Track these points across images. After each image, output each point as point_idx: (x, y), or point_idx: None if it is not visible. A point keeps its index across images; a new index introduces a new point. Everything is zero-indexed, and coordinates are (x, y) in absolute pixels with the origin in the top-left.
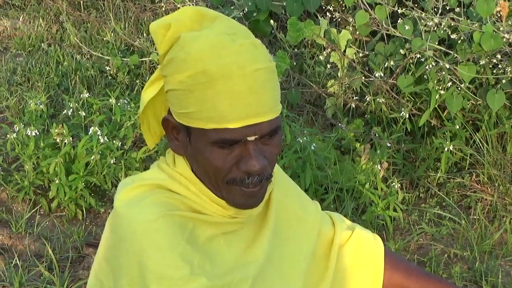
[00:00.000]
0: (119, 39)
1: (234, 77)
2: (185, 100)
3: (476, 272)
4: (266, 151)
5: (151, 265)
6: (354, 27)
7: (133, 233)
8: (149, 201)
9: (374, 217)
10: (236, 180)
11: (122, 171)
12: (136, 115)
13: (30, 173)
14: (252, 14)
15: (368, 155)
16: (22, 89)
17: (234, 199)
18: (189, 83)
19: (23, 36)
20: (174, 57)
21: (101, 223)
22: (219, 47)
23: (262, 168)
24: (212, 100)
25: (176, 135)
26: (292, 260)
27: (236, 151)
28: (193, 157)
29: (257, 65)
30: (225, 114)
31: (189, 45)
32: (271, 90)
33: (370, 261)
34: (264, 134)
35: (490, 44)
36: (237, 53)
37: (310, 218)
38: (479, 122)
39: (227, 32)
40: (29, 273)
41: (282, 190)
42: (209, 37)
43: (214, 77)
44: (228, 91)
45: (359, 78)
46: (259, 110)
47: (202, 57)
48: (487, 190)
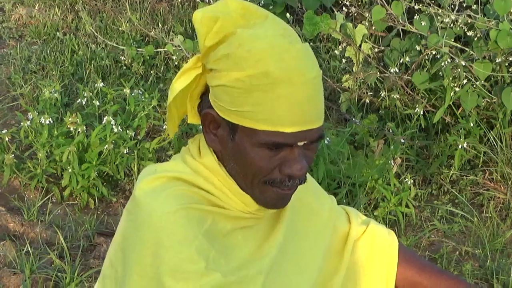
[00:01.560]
0: (135, 29)
1: (296, 83)
2: (241, 99)
3: (487, 270)
4: (307, 155)
5: (166, 257)
6: (370, 22)
7: (151, 223)
8: (170, 193)
9: (386, 212)
10: (276, 181)
11: (135, 161)
12: (150, 105)
13: (43, 161)
14: (268, 7)
15: (382, 150)
16: (37, 77)
17: (266, 199)
18: (248, 82)
19: (38, 24)
20: (231, 53)
21: (113, 213)
22: (280, 49)
23: (304, 173)
24: (271, 103)
25: (214, 130)
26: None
27: (282, 154)
28: (233, 155)
29: (314, 72)
30: (282, 118)
31: (248, 44)
32: (322, 99)
33: (384, 256)
34: (312, 141)
35: (506, 42)
36: (297, 58)
37: (326, 213)
38: (494, 120)
39: (283, 34)
40: (40, 261)
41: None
42: (268, 38)
43: (276, 80)
44: (288, 96)
45: (374, 73)
46: (313, 117)
47: (264, 58)
48: (500, 188)
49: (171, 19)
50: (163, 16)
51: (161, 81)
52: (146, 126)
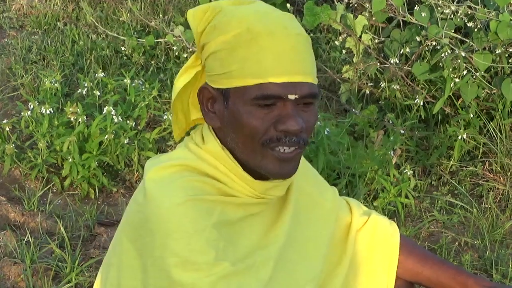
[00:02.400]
0: (135, 20)
1: (279, 34)
2: (228, 59)
3: (486, 261)
4: (304, 117)
5: (176, 249)
6: (371, 13)
7: (160, 215)
8: (178, 184)
9: (386, 203)
10: (273, 139)
11: (135, 151)
12: (151, 95)
13: (44, 151)
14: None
15: (381, 141)
16: (37, 67)
17: (268, 165)
18: (233, 42)
19: (39, 14)
20: (216, 23)
21: (113, 203)
22: (263, 12)
23: (300, 128)
24: (256, 55)
25: (211, 108)
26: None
27: (275, 112)
28: (230, 124)
29: (300, 31)
30: (269, 68)
31: (232, 11)
32: (310, 56)
33: (385, 246)
34: (304, 95)
35: (506, 33)
36: (279, 17)
37: (328, 204)
38: (493, 111)
39: (267, 6)
40: (41, 250)
41: (302, 175)
42: (252, 7)
43: (259, 34)
44: (272, 47)
45: (374, 64)
46: (301, 69)
47: (246, 18)
48: (500, 179)
49: (171, 9)
50: (164, 7)
51: (162, 71)
52: (146, 116)
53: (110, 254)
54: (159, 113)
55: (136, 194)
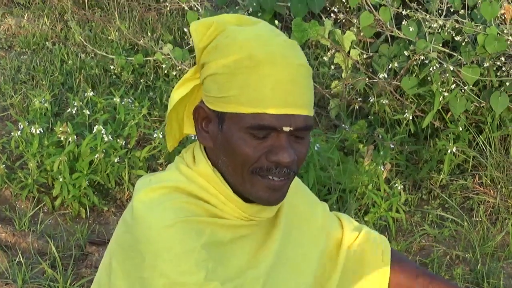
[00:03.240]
0: (124, 38)
1: (279, 64)
2: (227, 84)
3: (478, 274)
4: (296, 148)
5: (165, 270)
6: (359, 28)
7: (149, 236)
8: (167, 206)
9: (377, 218)
10: (263, 169)
11: (125, 170)
12: (140, 114)
13: (34, 171)
14: (257, 14)
15: (371, 156)
16: (27, 87)
17: (257, 192)
18: (233, 67)
19: (27, 34)
20: (218, 44)
21: (104, 222)
22: (265, 37)
23: (292, 161)
24: (255, 84)
25: (205, 127)
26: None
27: (268, 142)
28: (222, 147)
29: (301, 61)
30: (266, 99)
31: (234, 34)
32: (309, 88)
33: (376, 261)
34: (299, 128)
35: (494, 47)
36: (282, 45)
37: (319, 220)
38: (483, 124)
39: (271, 29)
40: (32, 271)
41: (293, 192)
42: (255, 30)
43: (260, 62)
44: (272, 76)
45: (363, 79)
46: (298, 102)
47: (249, 44)
48: (490, 192)
49: (160, 27)
50: (152, 25)
51: (151, 89)
52: (136, 135)
53: (99, 274)
54: (149, 132)
55: (125, 215)
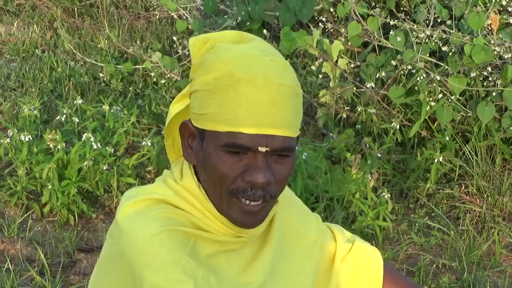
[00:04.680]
0: (113, 46)
1: (258, 84)
2: (206, 101)
3: (464, 283)
4: (275, 169)
5: (154, 280)
6: (346, 38)
7: (135, 247)
8: (152, 216)
9: (364, 226)
10: (239, 190)
11: (114, 177)
12: (129, 122)
13: (23, 178)
14: (245, 24)
15: (359, 165)
16: (16, 94)
17: (233, 215)
18: (213, 84)
19: (17, 42)
20: (204, 61)
21: (93, 229)
22: (250, 56)
23: (266, 182)
24: (232, 103)
25: (190, 143)
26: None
27: (245, 161)
28: (202, 164)
29: (284, 81)
30: (241, 118)
31: (220, 52)
32: (292, 108)
33: (369, 274)
34: (276, 149)
35: (481, 57)
36: (266, 65)
37: (313, 234)
38: (469, 134)
39: (262, 49)
40: (21, 278)
41: (286, 206)
42: (243, 49)
43: (238, 81)
44: (248, 97)
45: (351, 88)
46: (275, 122)
47: (231, 62)
48: (476, 201)
49: (149, 36)
50: (141, 33)
51: (140, 97)
52: (125, 143)
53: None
54: (138, 139)
55: (110, 229)
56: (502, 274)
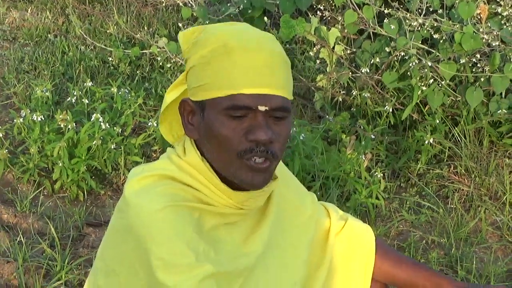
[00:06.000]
0: (121, 32)
1: (252, 50)
2: (202, 72)
3: (452, 258)
4: (275, 129)
5: (159, 253)
6: (343, 25)
7: (141, 221)
8: (157, 192)
9: (358, 204)
10: (246, 151)
11: (122, 156)
12: (136, 103)
13: (35, 156)
14: (247, 11)
15: (353, 146)
16: (29, 77)
17: (241, 175)
18: (209, 56)
19: (31, 27)
20: (198, 40)
21: (101, 204)
22: (242, 30)
23: (269, 139)
24: (228, 69)
25: (191, 120)
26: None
27: (246, 123)
28: (205, 135)
29: (275, 48)
30: (239, 81)
31: (213, 29)
32: (285, 72)
33: (362, 250)
34: (275, 108)
35: (470, 44)
36: (258, 35)
37: (308, 209)
38: (458, 117)
39: (252, 27)
40: (32, 250)
41: (284, 183)
42: (234, 26)
43: (232, 49)
44: (244, 61)
45: (347, 73)
46: (273, 82)
47: (224, 35)
48: (464, 181)
49: (155, 22)
50: (148, 20)
51: (147, 80)
52: (132, 123)
53: (96, 260)
54: (144, 120)
55: (118, 203)
56: (488, 250)
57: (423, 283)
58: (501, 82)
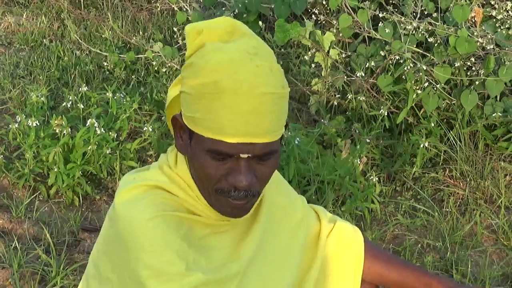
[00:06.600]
0: (117, 37)
1: (242, 94)
2: (193, 105)
3: (447, 262)
4: (258, 170)
5: (149, 262)
6: (338, 29)
7: (131, 230)
8: (148, 201)
9: (353, 208)
10: (224, 190)
11: (117, 161)
12: (132, 108)
13: (31, 161)
14: (242, 15)
15: (349, 150)
16: (25, 82)
17: (221, 208)
18: (199, 90)
19: (26, 32)
20: (193, 62)
21: (96, 209)
22: (237, 63)
23: (248, 185)
24: (216, 111)
25: (181, 135)
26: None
27: (229, 164)
28: (191, 160)
29: (268, 89)
30: (224, 127)
31: (209, 55)
32: (275, 114)
33: (351, 251)
34: (257, 155)
35: (464, 48)
36: (252, 73)
37: (299, 213)
38: (453, 120)
39: (249, 51)
40: (28, 256)
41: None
42: (230, 52)
43: (223, 90)
44: (232, 107)
45: (342, 77)
46: (257, 131)
47: (218, 69)
48: (459, 184)
49: (151, 27)
50: (144, 24)
51: (142, 85)
52: (127, 128)
53: (89, 265)
54: (140, 125)
55: (109, 212)
56: (483, 254)
57: (412, 283)
58: (496, 85)
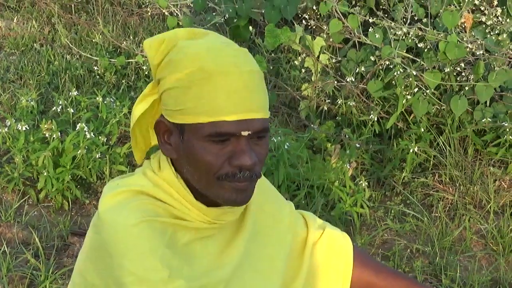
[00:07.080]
0: (107, 41)
1: (231, 73)
2: (182, 97)
3: (436, 267)
4: (256, 150)
5: (132, 268)
6: (328, 34)
7: (115, 237)
8: (131, 207)
9: (343, 213)
10: (228, 175)
11: (107, 165)
12: (122, 112)
13: (20, 166)
14: (233, 20)
15: (338, 154)
16: (15, 86)
17: (224, 195)
18: (186, 80)
19: (16, 36)
20: (171, 59)
21: (86, 214)
22: (216, 50)
23: (253, 163)
24: (209, 94)
25: (167, 140)
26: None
27: (229, 147)
28: (185, 157)
29: (252, 67)
30: (222, 107)
31: (185, 49)
32: (263, 92)
33: (340, 258)
34: (257, 131)
35: (454, 53)
36: (232, 55)
37: (286, 220)
38: (443, 126)
39: (222, 41)
40: (17, 260)
41: (261, 193)
42: (205, 43)
43: (212, 73)
44: (225, 86)
45: (332, 82)
46: (253, 106)
47: (199, 57)
48: (449, 189)
49: (141, 31)
50: (134, 29)
51: (132, 89)
52: (117, 132)
53: (75, 272)
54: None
55: (93, 218)
56: (472, 259)
57: None
58: (486, 90)
